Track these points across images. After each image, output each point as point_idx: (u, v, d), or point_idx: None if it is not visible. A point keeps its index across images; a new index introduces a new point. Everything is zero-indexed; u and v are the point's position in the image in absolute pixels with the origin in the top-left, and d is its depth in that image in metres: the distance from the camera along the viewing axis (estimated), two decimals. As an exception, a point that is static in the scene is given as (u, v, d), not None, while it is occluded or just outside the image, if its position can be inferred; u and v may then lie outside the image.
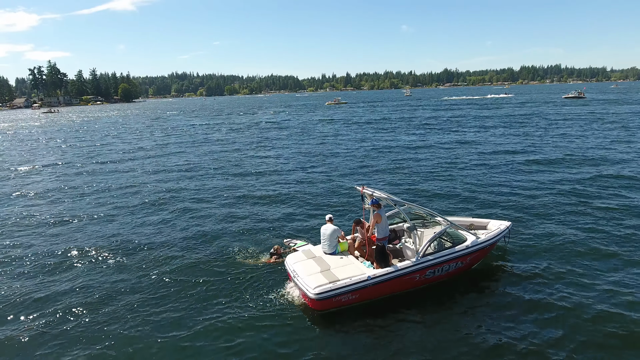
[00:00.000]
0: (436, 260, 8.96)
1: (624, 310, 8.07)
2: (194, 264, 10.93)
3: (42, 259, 11.68)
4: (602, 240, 11.37)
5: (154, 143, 37.10)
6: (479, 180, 18.33)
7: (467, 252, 9.30)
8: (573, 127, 36.74)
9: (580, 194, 15.74)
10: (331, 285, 8.26)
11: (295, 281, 8.85)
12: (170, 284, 9.91)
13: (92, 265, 11.12)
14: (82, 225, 14.51)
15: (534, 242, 11.36)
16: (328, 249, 9.60)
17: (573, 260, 10.26)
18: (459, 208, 14.53)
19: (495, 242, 10.04)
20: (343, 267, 8.95)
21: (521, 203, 14.81)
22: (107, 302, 9.14)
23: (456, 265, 9.31)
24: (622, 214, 13.33)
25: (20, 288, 9.97)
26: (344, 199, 16.15)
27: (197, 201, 16.97)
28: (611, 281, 9.20)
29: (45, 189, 20.31)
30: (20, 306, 9.15)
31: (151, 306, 8.90)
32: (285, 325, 8.09)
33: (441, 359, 6.98)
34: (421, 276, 8.94)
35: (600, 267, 9.89)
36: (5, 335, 8.09)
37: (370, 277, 8.45)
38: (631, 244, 11.11)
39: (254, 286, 9.54)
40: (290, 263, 9.39)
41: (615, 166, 19.82)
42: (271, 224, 13.74)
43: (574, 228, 12.32)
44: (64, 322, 8.46)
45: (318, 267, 8.97)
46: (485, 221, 10.91)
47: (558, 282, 9.28)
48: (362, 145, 30.48)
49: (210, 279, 10.03)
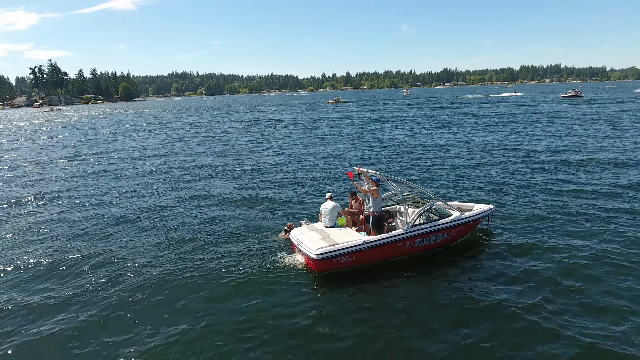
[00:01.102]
0: (424, 230, 10.09)
1: (598, 282, 8.97)
2: (213, 240, 12.02)
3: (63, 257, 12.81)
4: (579, 221, 12.54)
5: (168, 140, 38.11)
6: (475, 172, 19.52)
7: (452, 225, 10.43)
8: (574, 125, 37.89)
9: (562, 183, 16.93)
10: (331, 247, 9.39)
11: (299, 248, 9.96)
12: (190, 255, 11.02)
13: (111, 240, 12.23)
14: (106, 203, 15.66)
15: (515, 224, 12.43)
16: (328, 222, 10.71)
17: (551, 239, 11.29)
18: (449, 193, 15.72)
19: (477, 219, 11.13)
20: (342, 235, 10.07)
21: (506, 190, 16.07)
22: (133, 274, 10.26)
23: (442, 237, 10.44)
24: (603, 199, 14.49)
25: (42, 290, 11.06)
26: (342, 183, 17.36)
27: (214, 192, 18.07)
28: (585, 256, 10.20)
29: (71, 187, 21.40)
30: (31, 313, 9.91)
31: (171, 274, 10.00)
32: (290, 286, 9.17)
33: (427, 322, 7.78)
34: (411, 244, 10.07)
35: (576, 244, 10.96)
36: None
37: (366, 242, 9.60)
38: (605, 223, 12.20)
39: (265, 256, 10.65)
40: (294, 234, 10.52)
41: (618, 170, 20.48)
42: (283, 208, 14.92)
43: (554, 209, 13.47)
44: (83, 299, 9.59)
45: (319, 235, 10.10)
46: (470, 205, 11.99)
47: (536, 257, 10.27)
48: (364, 141, 31.37)
49: (226, 250, 11.18)
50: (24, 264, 10.73)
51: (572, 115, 44.85)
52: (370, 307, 8.42)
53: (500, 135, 31.54)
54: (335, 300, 8.70)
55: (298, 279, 9.53)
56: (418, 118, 50.30)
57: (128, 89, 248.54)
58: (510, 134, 31.65)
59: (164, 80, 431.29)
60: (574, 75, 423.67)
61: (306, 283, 9.36)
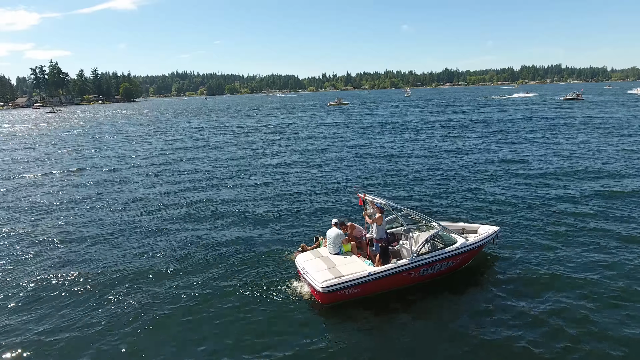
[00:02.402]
0: (429, 259, 10.12)
1: (606, 311, 9.05)
2: (221, 261, 12.10)
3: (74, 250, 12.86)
4: (585, 244, 12.52)
5: (169, 150, 38.06)
6: (482, 187, 19.18)
7: (457, 253, 10.46)
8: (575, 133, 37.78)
9: (570, 202, 16.81)
10: (336, 280, 9.43)
11: (305, 277, 10.01)
12: (194, 275, 11.08)
13: (125, 251, 12.28)
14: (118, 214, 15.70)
15: (521, 245, 12.43)
16: (333, 249, 10.75)
17: (557, 262, 11.34)
18: (454, 213, 15.65)
19: (483, 244, 11.17)
20: (347, 264, 10.11)
21: (510, 209, 15.82)
22: (136, 286, 10.30)
23: (447, 264, 10.47)
24: (611, 222, 14.28)
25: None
26: (347, 206, 17.03)
27: (222, 203, 18.11)
28: (594, 283, 10.25)
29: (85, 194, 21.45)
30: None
31: (174, 292, 10.09)
32: (294, 317, 9.24)
33: (432, 351, 7.99)
34: (416, 273, 10.10)
35: (583, 269, 10.99)
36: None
37: (371, 274, 9.62)
38: (616, 249, 12.10)
39: (273, 281, 10.73)
40: (300, 262, 10.54)
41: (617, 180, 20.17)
42: (294, 225, 14.92)
43: (559, 233, 13.43)
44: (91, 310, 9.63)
45: (324, 264, 10.13)
46: (475, 226, 12.05)
47: (542, 282, 10.35)
48: (366, 153, 30.33)
49: (235, 271, 11.34)
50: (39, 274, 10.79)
51: (576, 123, 44.55)
52: (375, 337, 8.49)
53: (504, 144, 31.23)
54: (340, 333, 8.75)
55: (304, 309, 9.57)
56: (420, 125, 49.35)
57: (129, 89, 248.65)
58: (513, 144, 31.18)
59: (164, 80, 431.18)
60: (575, 76, 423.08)
61: (312, 314, 9.41)
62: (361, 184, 20.11)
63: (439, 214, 15.17)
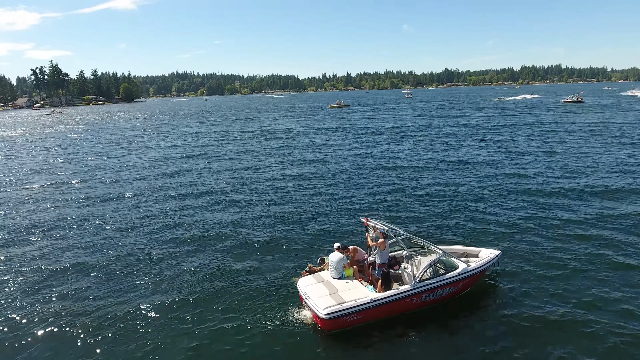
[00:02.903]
0: (431, 285, 10.18)
1: (613, 329, 9.28)
2: (223, 281, 12.19)
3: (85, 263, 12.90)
4: (588, 264, 12.59)
5: (170, 159, 37.96)
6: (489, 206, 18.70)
7: (459, 278, 10.52)
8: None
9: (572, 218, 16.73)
10: (338, 306, 9.49)
11: (307, 302, 10.07)
12: (194, 296, 11.15)
13: (121, 265, 12.34)
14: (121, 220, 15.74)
15: (522, 269, 12.45)
16: (335, 274, 10.81)
17: (560, 284, 11.42)
18: (455, 234, 15.44)
19: (484, 269, 11.21)
20: (349, 290, 10.17)
21: (512, 231, 15.53)
22: (131, 301, 10.36)
23: (449, 290, 10.54)
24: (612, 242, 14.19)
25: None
26: (348, 226, 16.71)
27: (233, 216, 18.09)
28: (597, 300, 10.41)
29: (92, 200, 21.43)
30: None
31: (174, 312, 10.16)
32: (297, 343, 9.33)
33: None
34: (417, 299, 10.17)
35: (585, 287, 11.14)
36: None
37: (373, 300, 9.69)
38: (620, 270, 12.15)
39: (276, 305, 10.82)
40: (302, 286, 10.60)
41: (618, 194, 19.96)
42: (299, 245, 14.86)
43: (562, 253, 13.47)
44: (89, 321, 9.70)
45: (327, 290, 10.19)
46: (476, 249, 12.09)
47: (544, 304, 10.46)
48: (368, 162, 30.09)
49: (238, 292, 11.45)
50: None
51: (578, 130, 44.13)
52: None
53: (506, 156, 30.56)
54: (342, 357, 8.82)
55: (306, 335, 9.64)
56: (421, 131, 48.11)
57: (129, 90, 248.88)
58: (516, 156, 30.12)
59: (164, 81, 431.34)
60: (575, 76, 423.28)
61: (314, 340, 9.48)
62: (363, 201, 19.78)
63: (440, 235, 15.14)
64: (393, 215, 17.54)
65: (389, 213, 17.93)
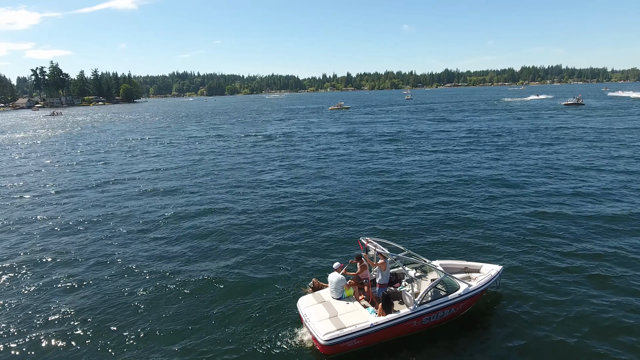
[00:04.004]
0: (432, 307, 10.08)
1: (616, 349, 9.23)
2: (221, 300, 12.07)
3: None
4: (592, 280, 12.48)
5: (169, 167, 37.72)
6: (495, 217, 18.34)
7: (460, 299, 10.42)
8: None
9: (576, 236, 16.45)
10: (338, 332, 9.40)
11: (307, 325, 9.97)
12: (193, 306, 11.06)
13: (117, 283, 12.23)
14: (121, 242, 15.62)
15: (525, 284, 12.34)
16: (335, 294, 10.70)
17: (562, 300, 11.36)
18: (457, 248, 15.23)
19: (486, 288, 11.12)
20: (349, 313, 10.06)
21: (514, 245, 15.22)
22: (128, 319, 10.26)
23: (450, 312, 10.44)
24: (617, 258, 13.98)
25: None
26: (347, 244, 16.15)
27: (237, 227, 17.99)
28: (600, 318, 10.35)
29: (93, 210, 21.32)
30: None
31: (171, 331, 10.07)
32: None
33: None
34: (418, 322, 10.07)
35: (589, 306, 11.01)
36: None
37: (373, 325, 9.59)
38: (621, 287, 12.04)
39: (276, 326, 10.72)
40: (302, 307, 10.49)
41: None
42: (303, 258, 14.71)
43: (564, 267, 13.35)
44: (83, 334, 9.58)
45: (327, 312, 10.08)
46: (478, 265, 12.00)
47: (547, 321, 10.43)
48: (369, 174, 28.92)
49: (234, 314, 11.29)
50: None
51: (582, 135, 43.46)
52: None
53: (509, 165, 29.45)
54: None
55: (305, 357, 9.56)
56: (423, 138, 46.15)
57: (129, 90, 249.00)
58: (520, 167, 28.59)
59: (164, 81, 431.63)
60: (575, 76, 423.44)
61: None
62: (363, 215, 19.25)
63: (441, 249, 15.03)
64: (393, 228, 17.28)
65: (389, 226, 17.57)
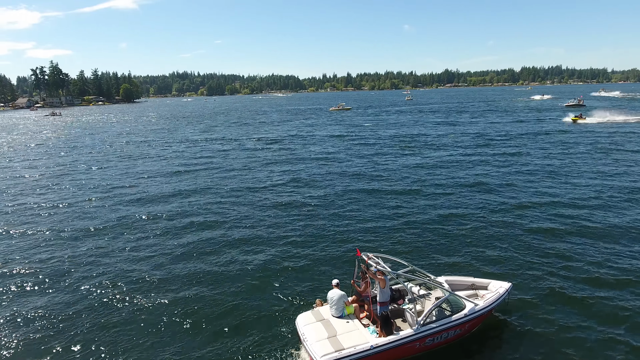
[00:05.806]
0: (436, 328, 9.65)
1: None
2: (218, 317, 11.69)
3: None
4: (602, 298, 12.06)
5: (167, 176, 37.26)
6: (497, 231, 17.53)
7: (466, 320, 9.98)
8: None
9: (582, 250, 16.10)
10: (337, 354, 8.96)
11: (305, 345, 9.55)
12: (188, 335, 10.66)
13: (114, 293, 11.84)
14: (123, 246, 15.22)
15: (536, 302, 11.90)
16: (335, 312, 10.28)
17: (573, 317, 11.05)
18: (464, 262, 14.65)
19: (493, 307, 10.64)
20: (348, 333, 9.63)
21: (523, 263, 14.54)
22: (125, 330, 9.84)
23: (455, 333, 10.00)
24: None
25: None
26: (347, 260, 15.30)
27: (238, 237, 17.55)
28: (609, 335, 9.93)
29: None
30: None
31: (164, 344, 9.63)
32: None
33: None
34: (421, 344, 9.64)
35: (597, 320, 10.67)
36: None
37: (373, 347, 9.17)
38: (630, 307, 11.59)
39: (270, 347, 10.35)
40: (300, 325, 10.06)
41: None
42: (305, 275, 14.10)
43: (574, 282, 12.95)
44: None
45: (325, 332, 9.65)
46: (486, 281, 11.48)
47: (557, 341, 10.11)
48: (372, 182, 27.87)
49: (231, 333, 10.93)
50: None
51: (586, 141, 42.96)
52: None
53: (519, 175, 27.56)
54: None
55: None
56: (425, 144, 44.44)
57: (129, 90, 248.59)
58: (530, 176, 27.02)
59: (165, 80, 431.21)
60: (575, 77, 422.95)
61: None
62: (365, 229, 18.26)
63: (448, 264, 14.48)
64: (397, 242, 16.58)
65: (393, 240, 16.81)
